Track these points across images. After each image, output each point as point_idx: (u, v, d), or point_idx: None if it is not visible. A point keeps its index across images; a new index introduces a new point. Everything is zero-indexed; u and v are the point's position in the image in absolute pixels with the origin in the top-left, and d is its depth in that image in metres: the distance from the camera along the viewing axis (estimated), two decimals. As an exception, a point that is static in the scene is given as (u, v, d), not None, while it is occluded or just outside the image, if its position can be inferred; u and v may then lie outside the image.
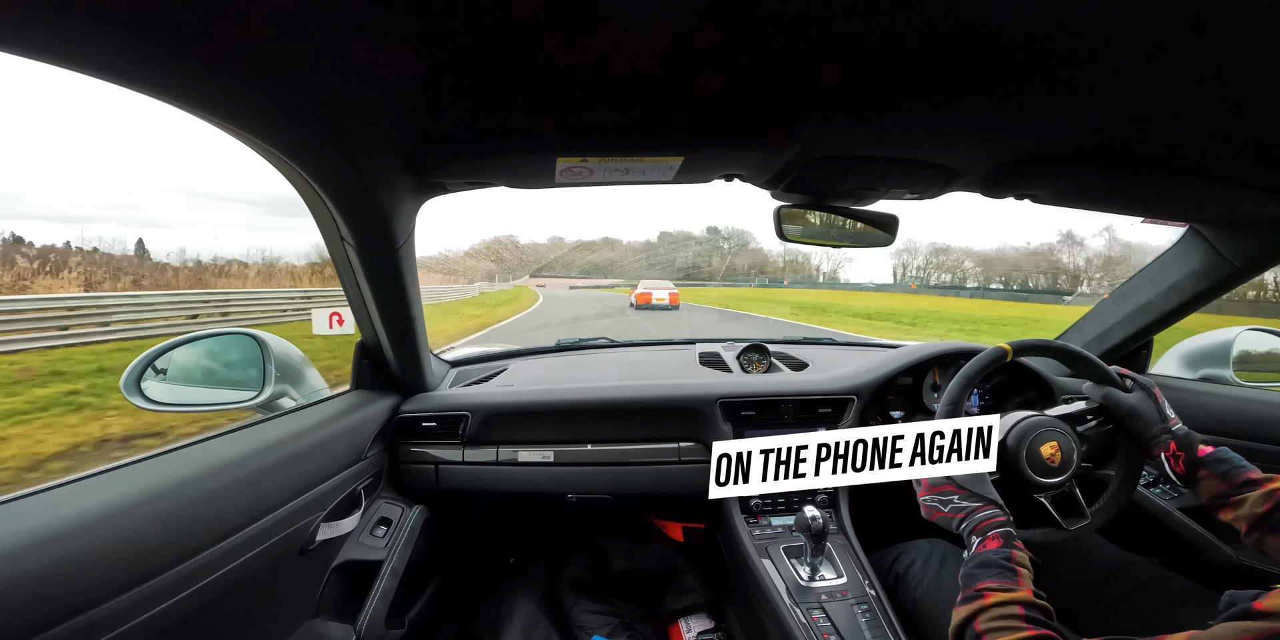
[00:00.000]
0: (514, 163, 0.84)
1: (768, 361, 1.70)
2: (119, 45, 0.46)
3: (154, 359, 1.04)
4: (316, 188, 0.82)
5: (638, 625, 1.51)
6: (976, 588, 0.70)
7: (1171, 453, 0.88)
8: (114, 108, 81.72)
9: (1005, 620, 0.64)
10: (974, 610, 0.67)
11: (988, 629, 0.64)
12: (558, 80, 0.62)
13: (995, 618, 0.65)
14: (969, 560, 0.77)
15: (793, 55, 0.57)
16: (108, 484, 0.71)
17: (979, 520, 0.82)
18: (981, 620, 0.66)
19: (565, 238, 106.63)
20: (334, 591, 1.09)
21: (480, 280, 39.47)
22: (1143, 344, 1.42)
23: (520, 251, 72.11)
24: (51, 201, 46.97)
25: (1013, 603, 0.66)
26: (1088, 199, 1.07)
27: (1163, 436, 0.90)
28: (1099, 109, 0.70)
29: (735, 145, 0.80)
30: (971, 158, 0.90)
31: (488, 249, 68.00)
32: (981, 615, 0.66)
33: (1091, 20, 0.49)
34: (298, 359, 1.23)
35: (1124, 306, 1.36)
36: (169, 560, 0.69)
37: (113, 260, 19.63)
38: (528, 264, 63.27)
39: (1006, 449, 0.95)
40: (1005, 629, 0.63)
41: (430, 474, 1.34)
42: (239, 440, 0.92)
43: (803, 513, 1.08)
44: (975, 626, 0.66)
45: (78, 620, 0.57)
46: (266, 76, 0.55)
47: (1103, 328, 1.41)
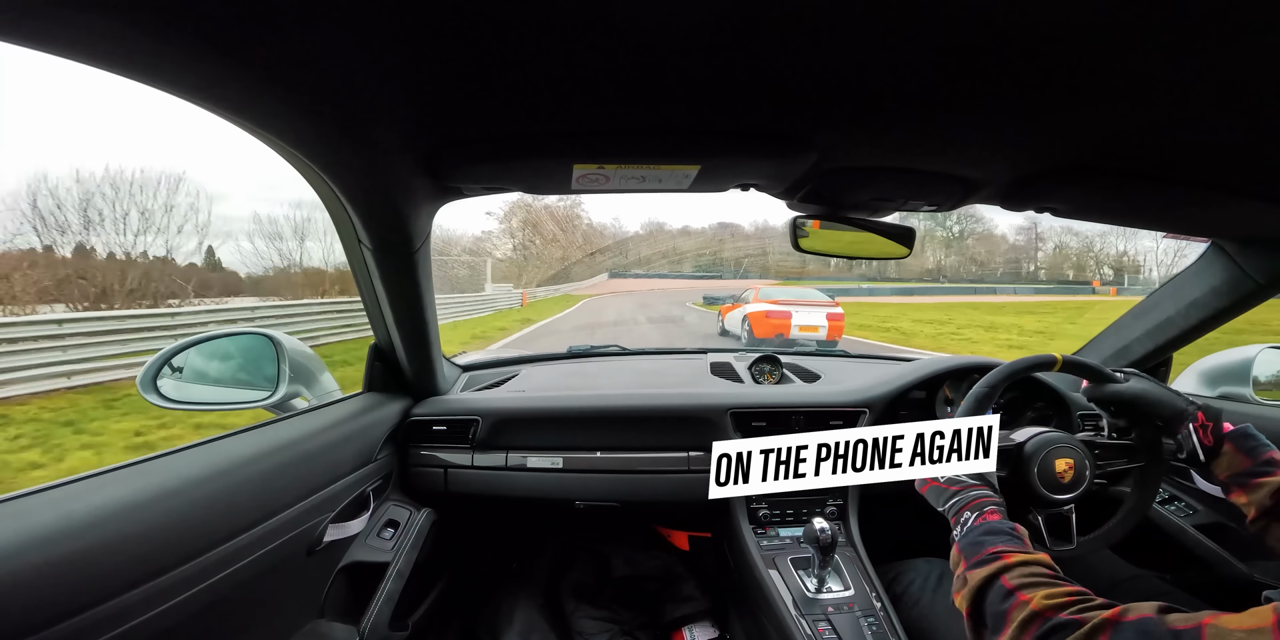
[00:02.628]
0: (530, 168, 0.84)
1: (780, 373, 1.69)
2: (148, 44, 0.47)
3: (170, 357, 1.05)
4: (335, 189, 0.83)
5: (638, 632, 1.51)
6: (991, 551, 0.69)
7: (1200, 422, 0.86)
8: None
9: (1038, 577, 0.63)
10: (997, 569, 0.66)
11: (1022, 584, 0.63)
12: (575, 87, 0.62)
13: (1026, 574, 0.64)
14: (970, 531, 0.76)
15: (810, 64, 0.57)
16: (120, 481, 0.71)
17: (975, 496, 0.82)
18: (1011, 577, 0.64)
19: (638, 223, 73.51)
20: (339, 592, 1.09)
21: (493, 284, 25.63)
22: (1161, 361, 1.40)
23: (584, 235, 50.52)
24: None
25: (1037, 563, 0.66)
26: (1109, 213, 1.06)
27: (1189, 408, 0.89)
28: (1121, 121, 0.69)
29: (752, 154, 0.80)
30: (991, 170, 0.89)
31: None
32: (1008, 573, 0.65)
33: (1115, 31, 0.49)
34: (312, 360, 1.24)
35: (1144, 322, 1.34)
36: (178, 558, 0.69)
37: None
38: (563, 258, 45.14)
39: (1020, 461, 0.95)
40: (1041, 584, 0.62)
41: (439, 477, 1.35)
42: (251, 440, 0.92)
43: (811, 524, 1.08)
44: (1004, 582, 0.64)
45: (83, 617, 0.57)
46: (288, 76, 0.55)
47: (1122, 343, 1.39)
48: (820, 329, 8.12)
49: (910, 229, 1.03)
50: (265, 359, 1.14)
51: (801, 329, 8.14)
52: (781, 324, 8.20)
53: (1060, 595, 0.59)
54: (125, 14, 0.42)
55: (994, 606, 0.63)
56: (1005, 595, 0.63)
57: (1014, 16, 0.48)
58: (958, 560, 0.74)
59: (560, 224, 47.35)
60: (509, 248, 45.63)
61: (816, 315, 8.27)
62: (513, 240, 45.92)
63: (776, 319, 8.27)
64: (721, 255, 60.09)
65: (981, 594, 0.66)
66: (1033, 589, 0.61)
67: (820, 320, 8.21)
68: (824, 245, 1.02)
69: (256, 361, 1.15)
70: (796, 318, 8.24)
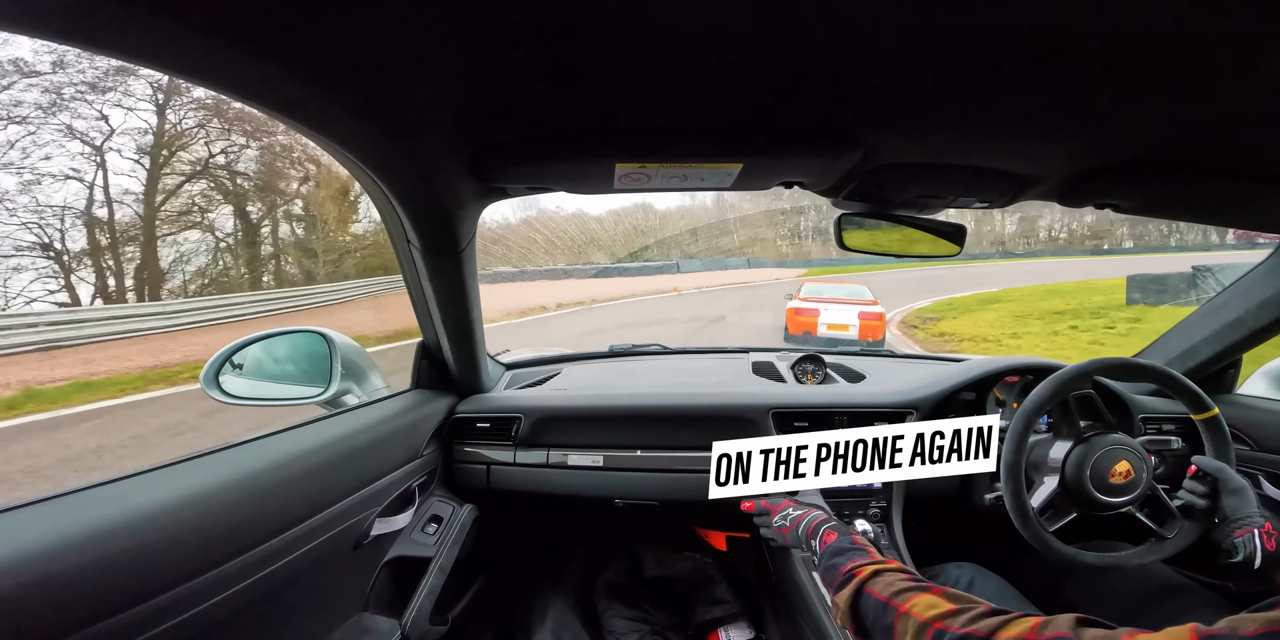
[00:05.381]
0: (573, 168, 0.84)
1: (823, 372, 1.66)
2: (202, 48, 0.48)
3: (231, 354, 1.09)
4: (385, 190, 0.86)
5: (669, 633, 1.51)
6: (844, 571, 0.72)
7: (1267, 530, 0.87)
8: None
9: (901, 582, 0.65)
10: (858, 585, 0.68)
11: (891, 594, 0.64)
12: (618, 87, 0.62)
13: (890, 584, 0.65)
14: (821, 557, 0.80)
15: (853, 58, 0.55)
16: (180, 475, 0.74)
17: (811, 521, 0.87)
18: (879, 587, 0.66)
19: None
20: (383, 586, 1.11)
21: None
22: (1230, 362, 1.33)
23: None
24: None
25: (890, 570, 0.69)
26: (1174, 209, 1.01)
27: (1256, 518, 0.89)
28: (1188, 115, 0.66)
29: (795, 152, 0.79)
30: (1047, 165, 0.86)
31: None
32: (873, 583, 0.67)
33: (1180, 21, 0.47)
34: (362, 357, 1.28)
35: (1212, 322, 1.28)
36: (233, 550, 0.71)
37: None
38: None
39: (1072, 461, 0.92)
40: (914, 589, 0.63)
41: (482, 474, 1.37)
42: (304, 435, 0.95)
43: (853, 526, 1.06)
44: (871, 592, 0.66)
45: (143, 607, 0.60)
46: (340, 80, 0.57)
47: (1188, 344, 1.33)
48: (850, 328, 7.49)
49: (961, 226, 1.00)
50: (319, 356, 1.18)
51: (830, 328, 7.57)
52: (809, 322, 7.69)
53: (942, 603, 0.59)
54: (182, 18, 0.44)
55: (876, 621, 0.64)
56: (881, 607, 0.64)
57: (1073, 7, 0.46)
58: (826, 587, 0.77)
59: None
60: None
61: (847, 313, 7.62)
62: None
63: (805, 316, 7.77)
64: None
65: (856, 610, 0.67)
66: (902, 597, 0.62)
67: (851, 319, 7.56)
68: (870, 244, 1.00)
69: (311, 358, 1.18)
70: (824, 315, 7.68)
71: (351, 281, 18.68)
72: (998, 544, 1.22)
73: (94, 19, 0.43)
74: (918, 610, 0.59)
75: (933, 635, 0.56)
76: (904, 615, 0.60)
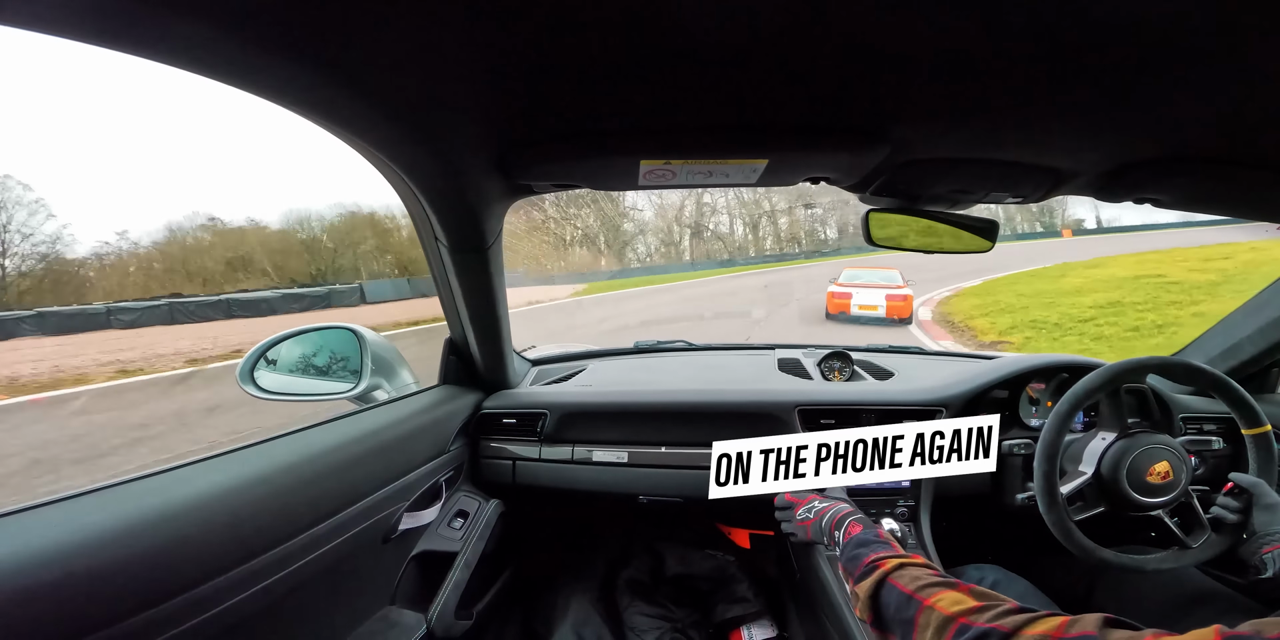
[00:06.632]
0: (599, 165, 0.84)
1: (850, 370, 1.64)
2: (234, 49, 0.49)
3: (266, 350, 1.12)
4: (414, 189, 0.87)
5: (690, 630, 1.51)
6: (867, 562, 0.72)
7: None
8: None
9: (928, 577, 0.65)
10: (880, 576, 0.68)
11: (917, 588, 0.63)
12: (644, 84, 0.62)
13: (916, 577, 0.65)
14: (844, 548, 0.80)
15: (881, 51, 0.54)
16: (215, 468, 0.76)
17: (836, 514, 0.88)
18: (904, 580, 0.66)
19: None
20: (410, 580, 1.13)
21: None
22: (1274, 361, 1.28)
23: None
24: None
25: (914, 565, 0.69)
26: (1218, 203, 0.97)
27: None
28: (1234, 108, 0.63)
29: (821, 147, 0.78)
30: (1084, 160, 0.83)
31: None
32: (898, 576, 0.67)
33: (1221, 10, 0.45)
34: (392, 353, 1.30)
35: (1256, 320, 1.23)
36: (267, 542, 0.73)
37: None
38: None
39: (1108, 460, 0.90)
40: (939, 585, 0.62)
41: (508, 469, 1.38)
42: (336, 430, 0.97)
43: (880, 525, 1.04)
44: (898, 586, 0.65)
45: (179, 599, 0.61)
46: (368, 80, 0.57)
47: (1230, 342, 1.28)
48: (879, 308, 9.13)
49: (994, 222, 0.98)
50: (350, 352, 1.20)
51: (861, 307, 9.27)
52: (843, 303, 9.46)
53: (967, 599, 0.59)
54: (213, 20, 0.45)
55: (898, 613, 0.63)
56: (905, 600, 0.63)
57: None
58: (845, 577, 0.77)
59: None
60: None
61: (875, 296, 9.27)
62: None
63: (839, 299, 9.57)
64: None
65: (877, 601, 0.67)
66: (928, 591, 0.62)
67: (879, 300, 9.17)
68: (899, 239, 0.98)
69: (342, 354, 1.21)
70: (856, 297, 9.40)
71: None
72: (1024, 546, 1.20)
73: (121, 20, 0.44)
74: (943, 605, 0.58)
75: (956, 630, 0.55)
76: (928, 609, 0.59)
